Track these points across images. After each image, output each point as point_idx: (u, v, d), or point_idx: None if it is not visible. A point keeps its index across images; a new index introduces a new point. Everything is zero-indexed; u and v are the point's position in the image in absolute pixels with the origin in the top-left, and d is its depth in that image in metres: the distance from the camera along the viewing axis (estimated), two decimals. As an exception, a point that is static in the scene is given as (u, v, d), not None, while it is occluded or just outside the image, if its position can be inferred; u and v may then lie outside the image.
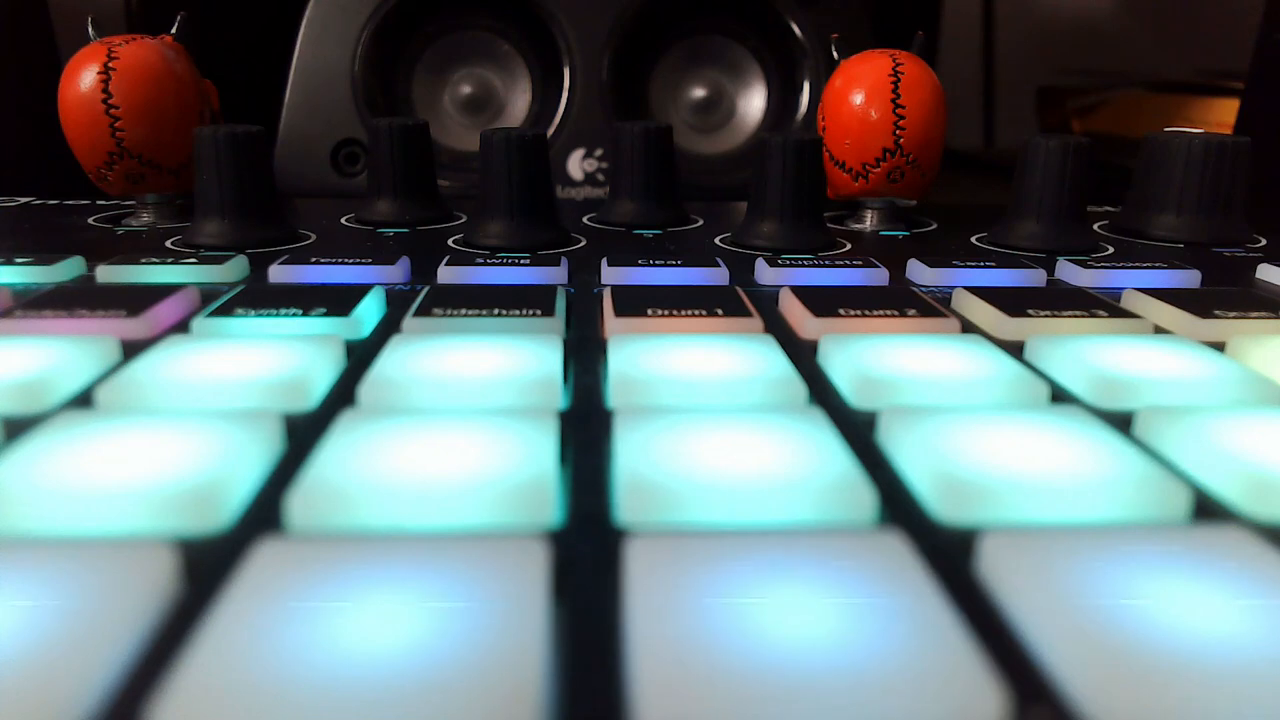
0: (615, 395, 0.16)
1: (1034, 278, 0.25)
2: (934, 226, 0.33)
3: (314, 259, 0.25)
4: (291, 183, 0.44)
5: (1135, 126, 0.54)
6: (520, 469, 0.13)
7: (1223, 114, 0.51)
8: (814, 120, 0.46)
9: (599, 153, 0.45)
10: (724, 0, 0.47)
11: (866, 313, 0.20)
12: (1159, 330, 0.21)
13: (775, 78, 0.48)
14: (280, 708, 0.08)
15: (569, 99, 0.45)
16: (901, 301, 0.21)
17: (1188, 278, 0.25)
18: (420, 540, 0.11)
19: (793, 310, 0.21)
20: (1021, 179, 0.29)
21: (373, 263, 0.24)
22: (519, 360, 0.17)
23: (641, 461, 0.13)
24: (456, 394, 0.16)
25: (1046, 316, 0.20)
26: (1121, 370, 0.17)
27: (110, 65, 0.30)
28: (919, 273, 0.26)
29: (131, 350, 0.18)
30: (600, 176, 0.45)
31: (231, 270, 0.25)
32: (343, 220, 0.33)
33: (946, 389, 0.16)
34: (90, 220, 0.33)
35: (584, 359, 0.18)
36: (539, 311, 0.20)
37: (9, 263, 0.24)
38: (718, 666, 0.09)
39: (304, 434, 0.15)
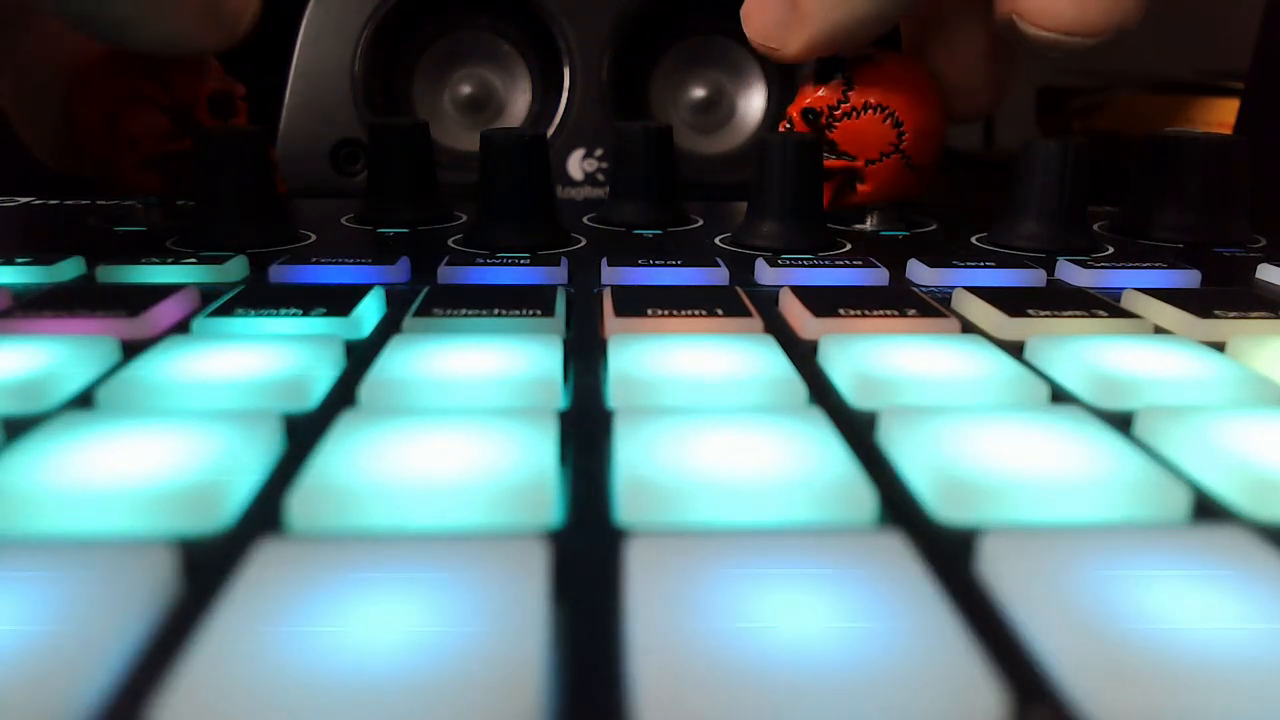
0: (615, 395, 0.16)
1: (1034, 278, 0.25)
2: (934, 226, 0.33)
3: (314, 259, 0.25)
4: (291, 183, 0.44)
5: (1135, 126, 0.54)
6: (520, 469, 0.13)
7: (1223, 114, 0.51)
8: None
9: (599, 153, 0.45)
10: (724, 0, 0.47)
11: (866, 313, 0.20)
12: (1159, 330, 0.21)
13: (775, 78, 0.48)
14: (280, 707, 0.08)
15: (569, 99, 0.45)
16: (901, 301, 0.21)
17: (1188, 278, 0.25)
18: (420, 540, 0.11)
19: (793, 310, 0.21)
20: (1021, 179, 0.29)
21: (373, 263, 0.24)
22: (519, 360, 0.17)
23: (641, 461, 0.13)
24: (456, 394, 0.16)
25: (1046, 316, 0.20)
26: (1121, 370, 0.17)
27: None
28: (919, 273, 0.26)
29: (131, 350, 0.18)
30: (600, 176, 0.45)
31: (231, 270, 0.25)
32: (343, 220, 0.33)
33: (946, 389, 0.16)
34: (90, 220, 0.33)
35: (584, 359, 0.18)
36: (539, 311, 0.20)
37: (9, 263, 0.24)
38: (718, 666, 0.09)
39: (304, 434, 0.15)
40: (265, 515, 0.12)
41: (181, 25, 0.27)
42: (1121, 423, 0.15)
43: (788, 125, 0.31)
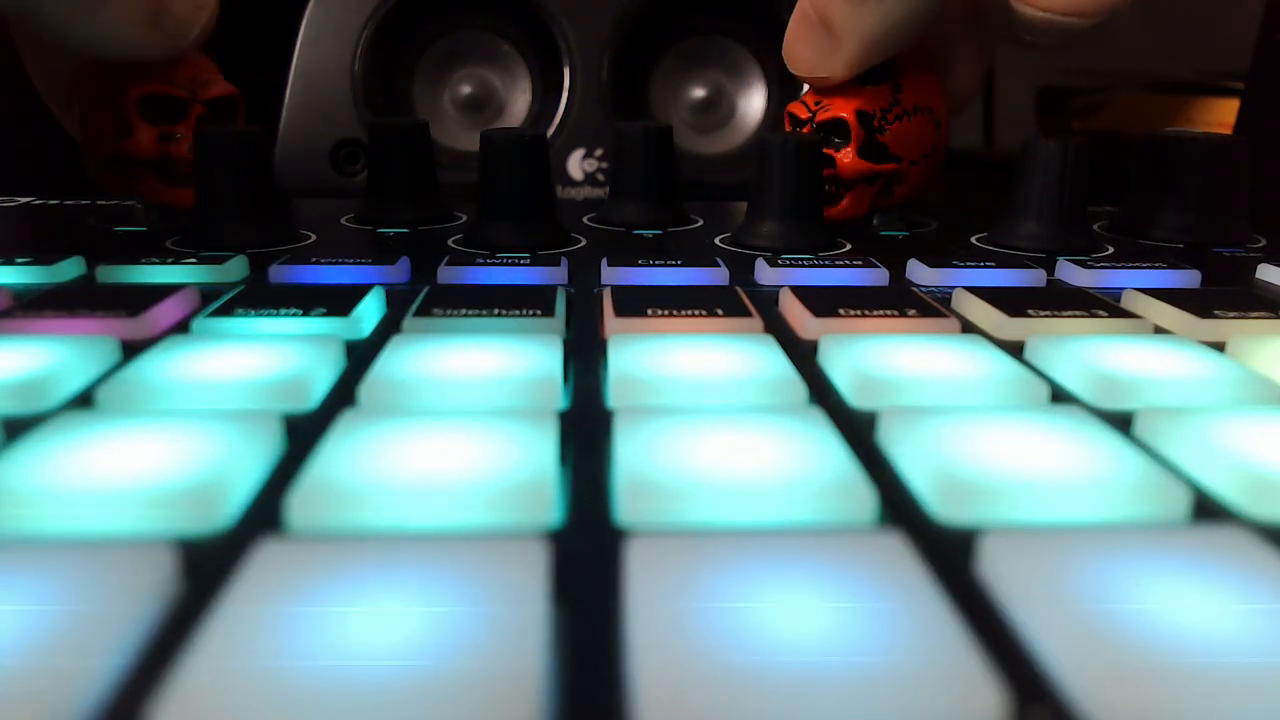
0: (615, 395, 0.16)
1: (1034, 278, 0.25)
2: (934, 226, 0.33)
3: (314, 259, 0.25)
4: (291, 183, 0.44)
5: (1135, 126, 0.54)
6: (520, 469, 0.13)
7: (1223, 114, 0.51)
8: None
9: (599, 153, 0.45)
10: (724, 0, 0.47)
11: (866, 313, 0.20)
12: (1159, 330, 0.21)
13: (775, 78, 0.48)
14: (280, 708, 0.08)
15: (569, 99, 0.45)
16: (901, 301, 0.21)
17: (1188, 278, 0.25)
18: (420, 540, 0.11)
19: (793, 310, 0.21)
20: (1021, 179, 0.29)
21: (373, 263, 0.24)
22: (519, 360, 0.17)
23: (641, 461, 0.13)
24: (456, 394, 0.16)
25: (1046, 316, 0.20)
26: (1121, 370, 0.17)
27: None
28: (919, 273, 0.26)
29: (131, 350, 0.18)
30: (600, 176, 0.45)
31: (231, 270, 0.25)
32: (343, 220, 0.33)
33: (946, 389, 0.16)
34: (90, 220, 0.33)
35: (584, 359, 0.18)
36: (539, 311, 0.20)
37: (9, 263, 0.24)
38: (718, 666, 0.09)
39: (304, 434, 0.15)
40: (265, 515, 0.12)
41: (118, 30, 0.27)
42: (1121, 423, 0.15)
43: (812, 129, 0.30)
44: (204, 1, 0.29)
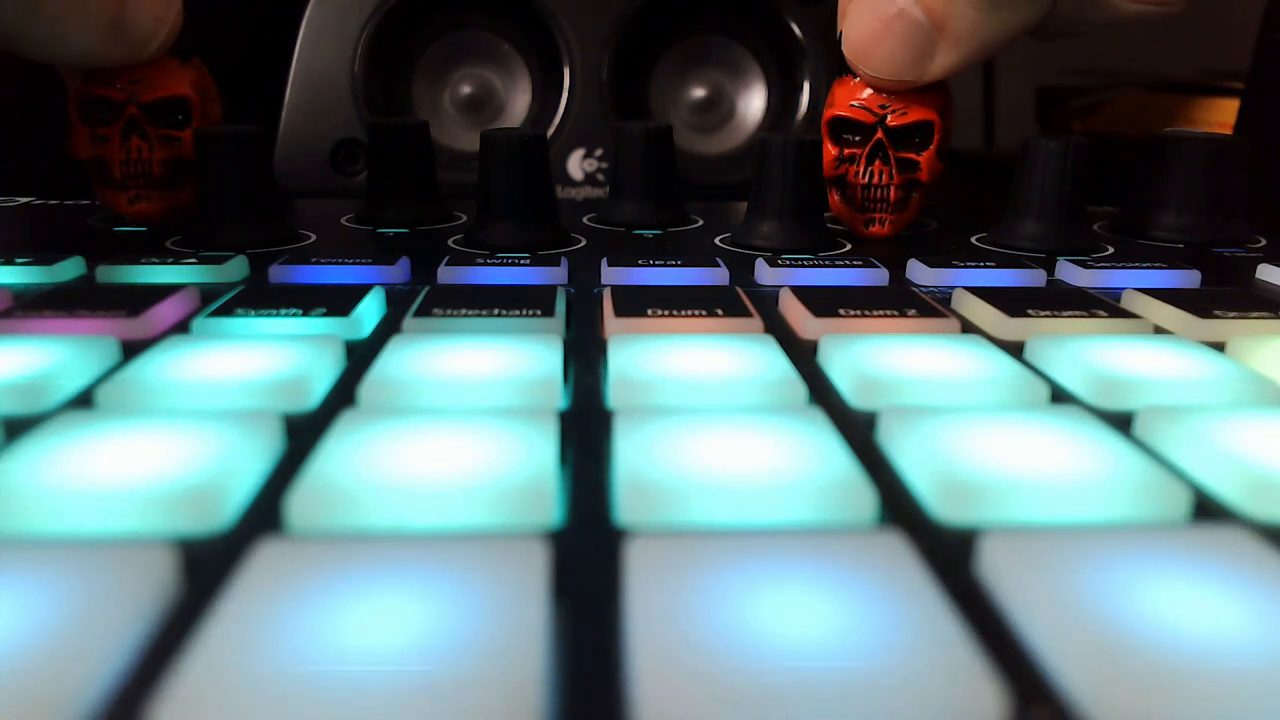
0: (615, 395, 0.16)
1: (1034, 278, 0.25)
2: (934, 226, 0.33)
3: (314, 259, 0.25)
4: (291, 183, 0.44)
5: (1135, 126, 0.54)
6: (520, 469, 0.13)
7: (1223, 114, 0.51)
8: (814, 120, 0.45)
9: (599, 153, 0.45)
10: (724, 0, 0.47)
11: (866, 313, 0.20)
12: (1159, 330, 0.21)
13: (775, 78, 0.48)
14: (280, 708, 0.08)
15: (569, 99, 0.45)
16: (901, 301, 0.21)
17: (1188, 278, 0.25)
18: (420, 540, 0.11)
19: (793, 310, 0.21)
20: (1021, 179, 0.29)
21: (373, 263, 0.24)
22: (519, 360, 0.17)
23: (641, 461, 0.13)
24: (456, 394, 0.16)
25: (1046, 316, 0.20)
26: (1121, 370, 0.17)
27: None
28: (919, 273, 0.26)
29: (131, 350, 0.18)
30: (600, 176, 0.45)
31: (231, 270, 0.25)
32: (343, 220, 0.33)
33: (946, 389, 0.16)
34: (90, 220, 0.33)
35: (584, 359, 0.18)
36: (539, 311, 0.20)
37: (9, 263, 0.24)
38: (718, 666, 0.09)
39: (304, 434, 0.15)
40: (265, 515, 0.12)
41: (77, 39, 0.27)
42: (1121, 423, 0.15)
43: (884, 134, 0.29)
44: (164, 14, 0.29)
